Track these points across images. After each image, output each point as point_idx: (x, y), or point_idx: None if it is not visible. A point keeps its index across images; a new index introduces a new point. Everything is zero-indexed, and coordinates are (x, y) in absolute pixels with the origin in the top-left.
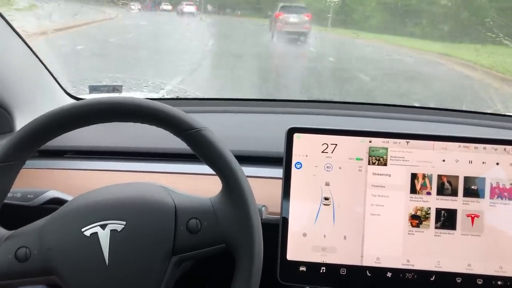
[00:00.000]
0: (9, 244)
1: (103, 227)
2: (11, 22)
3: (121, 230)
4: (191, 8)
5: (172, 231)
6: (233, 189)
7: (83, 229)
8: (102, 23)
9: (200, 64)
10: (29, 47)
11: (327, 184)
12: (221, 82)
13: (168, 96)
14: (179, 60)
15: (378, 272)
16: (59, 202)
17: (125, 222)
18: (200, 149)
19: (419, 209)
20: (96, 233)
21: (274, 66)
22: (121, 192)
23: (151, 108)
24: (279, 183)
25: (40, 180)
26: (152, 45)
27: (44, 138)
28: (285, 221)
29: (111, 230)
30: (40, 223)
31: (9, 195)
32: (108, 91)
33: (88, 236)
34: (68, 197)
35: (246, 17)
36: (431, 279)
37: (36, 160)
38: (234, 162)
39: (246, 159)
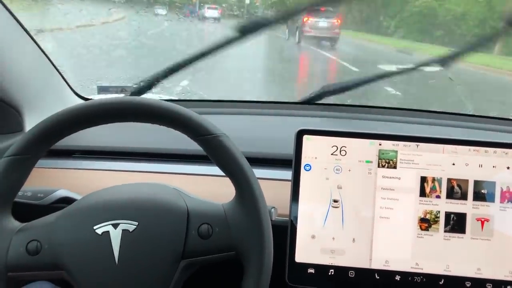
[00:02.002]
0: (20, 237)
1: (115, 226)
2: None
3: (133, 231)
4: (215, 13)
5: (184, 235)
6: (246, 198)
7: (95, 227)
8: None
9: None
10: (39, 46)
11: (337, 186)
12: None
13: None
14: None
15: (387, 275)
16: (68, 201)
17: (137, 223)
18: (217, 155)
19: (428, 213)
20: (108, 231)
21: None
22: (134, 192)
23: (169, 111)
24: (289, 185)
25: (49, 179)
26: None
27: (59, 135)
28: (293, 223)
29: (123, 230)
30: (52, 218)
31: (19, 193)
32: (116, 92)
33: (99, 234)
34: (78, 197)
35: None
36: (440, 283)
37: (45, 159)
38: (249, 170)
39: (256, 160)
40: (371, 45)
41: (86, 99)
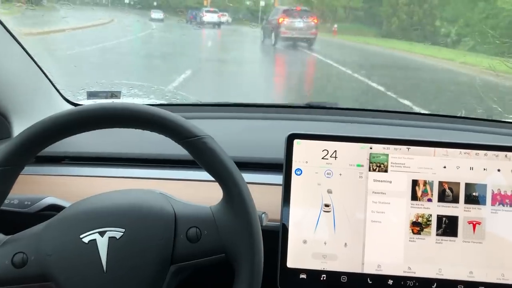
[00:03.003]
0: (6, 250)
1: (101, 234)
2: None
3: (120, 238)
4: (214, 17)
5: (172, 239)
6: (234, 198)
7: (81, 236)
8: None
9: None
10: (27, 52)
11: (328, 191)
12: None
13: (165, 102)
14: None
15: (379, 279)
16: (56, 208)
17: (124, 230)
18: (202, 157)
19: (420, 216)
20: (95, 240)
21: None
22: (120, 199)
23: (152, 115)
24: (279, 189)
25: (37, 186)
26: None
27: (43, 144)
28: (285, 228)
29: (109, 237)
30: (38, 228)
31: (6, 201)
32: (106, 97)
33: (86, 243)
34: (66, 204)
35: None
36: (433, 286)
37: (33, 166)
38: (236, 171)
39: (246, 165)
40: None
41: (75, 104)
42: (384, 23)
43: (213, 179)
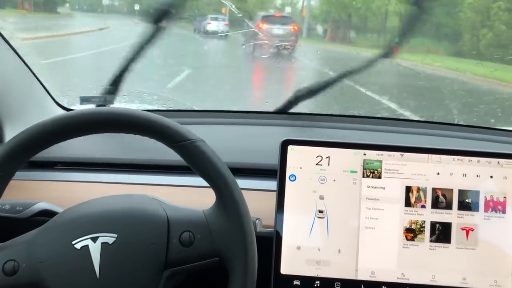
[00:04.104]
0: None
1: (94, 239)
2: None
3: (112, 243)
4: (220, 25)
5: (165, 244)
6: (227, 201)
7: (73, 242)
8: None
9: None
10: (19, 56)
11: (321, 197)
12: None
13: (162, 108)
14: None
15: (373, 286)
16: (49, 214)
17: (116, 235)
18: (194, 160)
19: (413, 222)
20: (87, 246)
21: None
22: (112, 204)
23: (144, 119)
24: (273, 195)
25: (29, 191)
26: None
27: (35, 149)
28: (278, 234)
29: (102, 243)
30: (29, 235)
31: None
32: (99, 102)
33: (78, 249)
34: (59, 209)
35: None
36: None
37: (25, 171)
38: (228, 174)
39: (240, 171)
40: None
41: (68, 109)
42: (465, 37)
43: (206, 184)
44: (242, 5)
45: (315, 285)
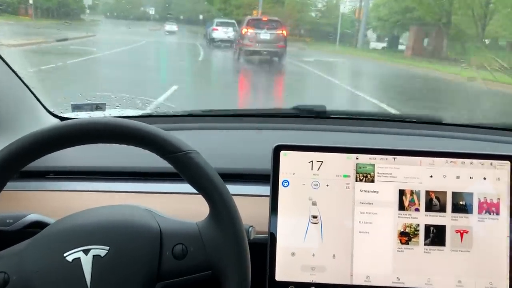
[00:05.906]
0: None
1: (86, 252)
2: None
3: (104, 256)
4: (229, 32)
5: (157, 256)
6: (220, 215)
7: (65, 254)
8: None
9: None
10: (8, 65)
11: (315, 202)
12: None
13: (153, 113)
14: None
15: None
16: (40, 225)
17: (108, 247)
18: (188, 172)
19: (408, 226)
20: (79, 258)
21: None
22: (104, 215)
23: (136, 130)
24: (266, 200)
25: (20, 202)
26: None
27: (26, 160)
28: (273, 240)
29: (94, 255)
30: (20, 247)
31: None
32: (91, 110)
33: (70, 262)
34: (50, 220)
35: None
36: None
37: (16, 181)
38: (223, 187)
39: (232, 176)
40: None
41: (61, 118)
42: None
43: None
44: (278, 10)
45: None
